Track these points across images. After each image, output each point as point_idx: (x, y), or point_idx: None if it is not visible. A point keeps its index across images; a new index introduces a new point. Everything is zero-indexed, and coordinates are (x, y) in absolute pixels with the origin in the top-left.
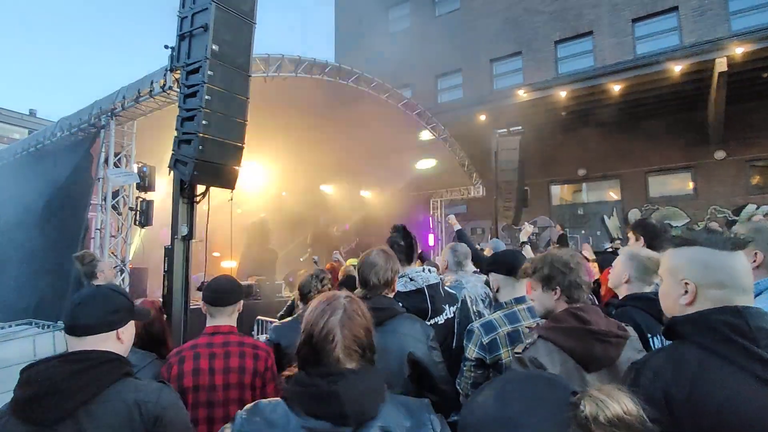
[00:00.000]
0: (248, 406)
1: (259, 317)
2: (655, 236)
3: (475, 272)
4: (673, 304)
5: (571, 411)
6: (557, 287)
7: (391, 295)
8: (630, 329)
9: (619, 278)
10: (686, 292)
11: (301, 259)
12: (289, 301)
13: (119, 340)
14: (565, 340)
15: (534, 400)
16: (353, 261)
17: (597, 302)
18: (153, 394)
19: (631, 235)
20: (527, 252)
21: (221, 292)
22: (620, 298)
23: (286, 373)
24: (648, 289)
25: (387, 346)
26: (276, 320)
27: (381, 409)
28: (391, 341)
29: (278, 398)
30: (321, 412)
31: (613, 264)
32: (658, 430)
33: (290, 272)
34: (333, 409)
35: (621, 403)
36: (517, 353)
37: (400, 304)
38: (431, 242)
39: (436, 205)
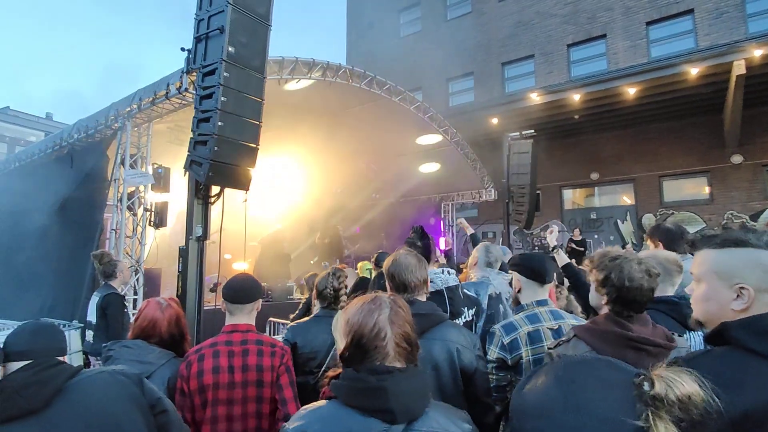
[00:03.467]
0: (293, 418)
1: (271, 319)
2: (672, 239)
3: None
4: (718, 308)
5: (636, 390)
6: (605, 295)
7: (424, 297)
8: (681, 339)
9: None
10: (738, 296)
11: (311, 262)
12: (302, 304)
13: None
14: (598, 343)
15: (598, 382)
16: (366, 264)
17: None
18: (122, 368)
19: (648, 242)
20: (561, 258)
21: (241, 289)
22: None
23: (330, 373)
24: (670, 292)
25: (435, 355)
26: (288, 321)
27: (427, 411)
28: (439, 350)
29: (322, 401)
30: (368, 406)
31: None
32: (722, 412)
33: (301, 275)
34: (380, 403)
35: (689, 384)
36: (549, 348)
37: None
38: (442, 246)
39: (447, 209)
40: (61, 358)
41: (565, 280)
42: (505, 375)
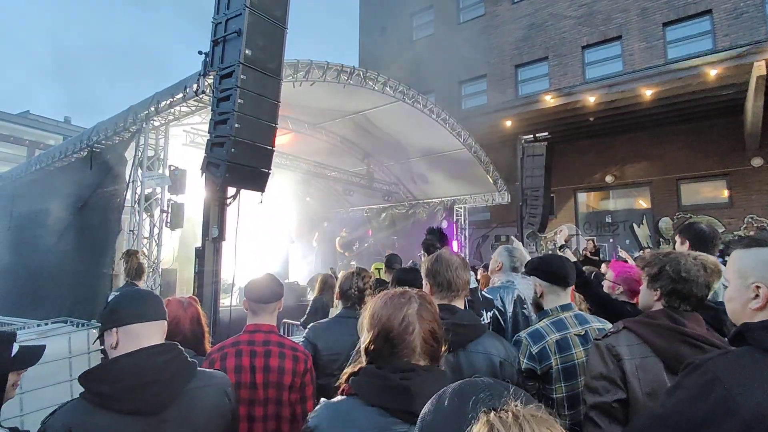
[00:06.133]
0: (313, 412)
1: (285, 320)
2: (701, 240)
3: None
4: (741, 308)
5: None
6: (659, 290)
7: (463, 302)
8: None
9: None
10: (756, 296)
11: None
12: (309, 305)
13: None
14: (651, 335)
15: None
16: (379, 265)
17: None
18: (226, 380)
19: (677, 238)
20: (568, 257)
21: (265, 289)
22: None
23: (349, 370)
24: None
25: (478, 368)
26: (299, 323)
27: None
28: (481, 363)
29: (343, 396)
30: (389, 406)
31: None
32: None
33: (313, 277)
34: (403, 404)
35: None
36: (596, 339)
37: None
38: (455, 249)
39: (459, 212)
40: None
41: None
42: (534, 384)
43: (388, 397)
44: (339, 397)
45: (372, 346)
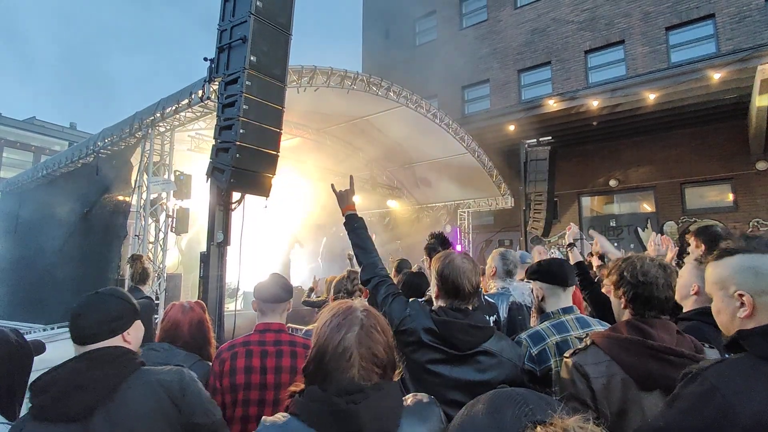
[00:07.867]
0: None
1: (289, 324)
2: (717, 243)
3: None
4: (729, 319)
5: None
6: (623, 297)
7: (471, 306)
8: (712, 351)
9: (686, 290)
10: (742, 304)
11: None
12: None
13: (126, 342)
14: (617, 351)
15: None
16: None
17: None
18: (175, 375)
19: (692, 241)
20: (575, 255)
21: (274, 289)
22: (685, 311)
23: (292, 388)
24: None
25: (487, 371)
26: (303, 327)
27: (401, 424)
28: (491, 365)
29: (287, 414)
30: (334, 431)
31: (679, 274)
32: (734, 420)
33: (318, 280)
34: (350, 428)
35: None
36: (565, 357)
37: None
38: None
39: (463, 216)
40: (124, 339)
41: None
42: (534, 387)
43: (332, 422)
44: (280, 417)
45: (310, 367)
